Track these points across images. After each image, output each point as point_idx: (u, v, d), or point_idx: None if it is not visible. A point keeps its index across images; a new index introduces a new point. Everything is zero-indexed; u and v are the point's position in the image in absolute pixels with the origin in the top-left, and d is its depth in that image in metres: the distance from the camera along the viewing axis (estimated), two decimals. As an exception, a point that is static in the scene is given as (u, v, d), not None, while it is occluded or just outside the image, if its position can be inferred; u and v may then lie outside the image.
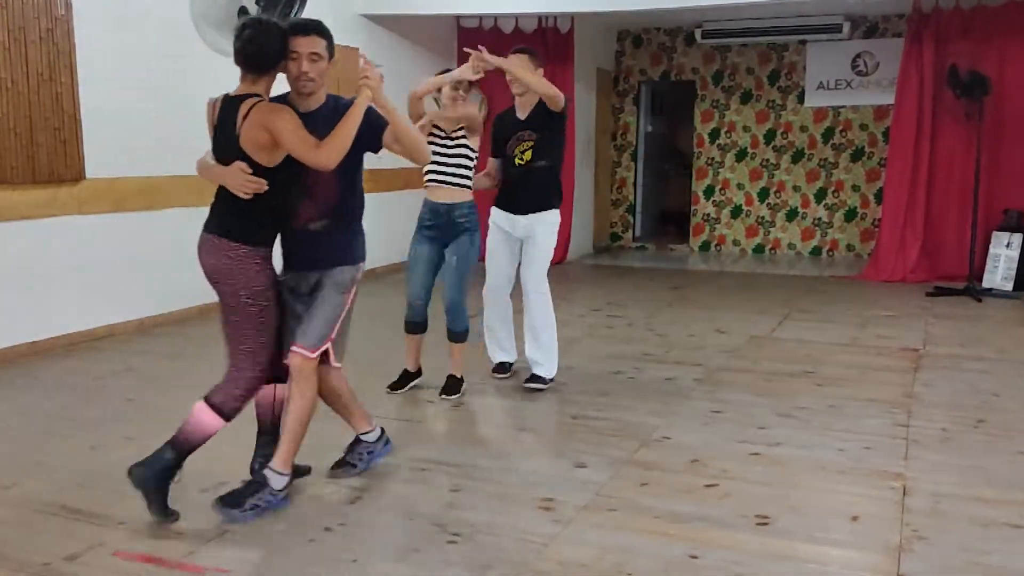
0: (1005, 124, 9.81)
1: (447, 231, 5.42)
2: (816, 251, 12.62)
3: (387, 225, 9.06)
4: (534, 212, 5.57)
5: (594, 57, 12.67)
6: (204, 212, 3.80)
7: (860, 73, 11.97)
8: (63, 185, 6.77)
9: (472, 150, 5.41)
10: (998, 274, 9.51)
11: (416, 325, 5.58)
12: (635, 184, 13.75)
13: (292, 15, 6.99)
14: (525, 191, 5.57)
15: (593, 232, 13.14)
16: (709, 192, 13.11)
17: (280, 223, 3.83)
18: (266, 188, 3.62)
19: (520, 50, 5.46)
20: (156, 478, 3.66)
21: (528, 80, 5.29)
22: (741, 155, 12.85)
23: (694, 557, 3.41)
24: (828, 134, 12.32)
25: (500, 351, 5.99)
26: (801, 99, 12.38)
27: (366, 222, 4.06)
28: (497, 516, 3.80)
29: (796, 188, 12.57)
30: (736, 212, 12.99)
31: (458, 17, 11.49)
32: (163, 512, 3.68)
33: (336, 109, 3.77)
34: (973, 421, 5.10)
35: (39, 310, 6.66)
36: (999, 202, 9.87)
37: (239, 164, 3.61)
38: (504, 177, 5.68)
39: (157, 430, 4.93)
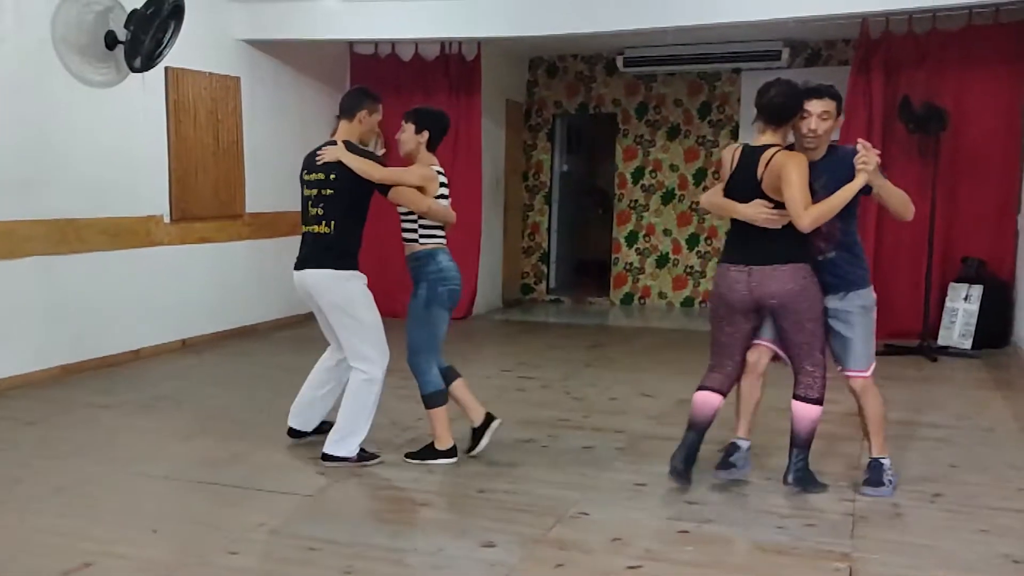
0: (963, 162, 9.83)
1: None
2: (754, 306, 12.74)
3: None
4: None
5: (503, 88, 12.77)
6: (69, 259, 3.81)
7: (801, 106, 12.16)
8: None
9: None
10: (955, 330, 9.69)
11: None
12: (549, 230, 13.85)
13: (166, 40, 7.09)
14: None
15: (502, 284, 13.14)
16: (632, 239, 13.26)
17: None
18: (788, 220, 4.76)
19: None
20: (806, 478, 5.16)
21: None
22: (668, 197, 13.04)
23: (612, 653, 3.37)
24: (766, 174, 12.49)
25: None
26: (735, 134, 12.53)
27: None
28: (389, 606, 3.75)
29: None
30: (662, 261, 13.15)
31: (351, 43, 11.51)
32: (821, 487, 5.19)
33: (838, 159, 4.89)
34: (928, 495, 5.19)
35: None
36: (957, 250, 10.01)
37: (760, 201, 4.86)
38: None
39: (16, 503, 4.84)
